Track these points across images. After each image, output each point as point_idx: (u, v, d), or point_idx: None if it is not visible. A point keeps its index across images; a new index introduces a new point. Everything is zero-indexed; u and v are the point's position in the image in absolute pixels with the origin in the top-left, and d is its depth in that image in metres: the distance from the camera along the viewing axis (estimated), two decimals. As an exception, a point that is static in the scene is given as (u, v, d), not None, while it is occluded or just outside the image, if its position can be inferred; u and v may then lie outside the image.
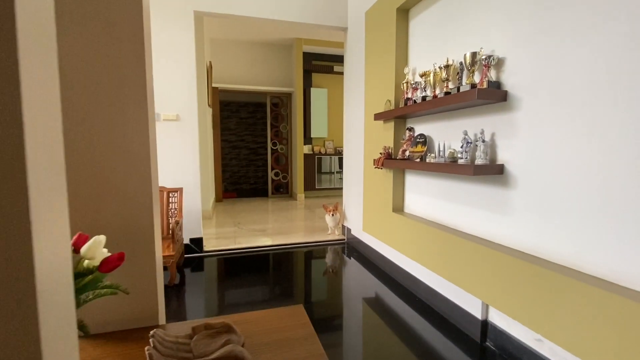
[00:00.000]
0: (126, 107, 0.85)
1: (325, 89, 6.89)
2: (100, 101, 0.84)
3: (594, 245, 1.27)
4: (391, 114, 2.43)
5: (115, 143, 0.85)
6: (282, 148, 7.03)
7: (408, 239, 2.35)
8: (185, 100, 3.24)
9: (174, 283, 2.63)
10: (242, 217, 4.98)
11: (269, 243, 3.65)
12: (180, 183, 3.27)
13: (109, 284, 0.66)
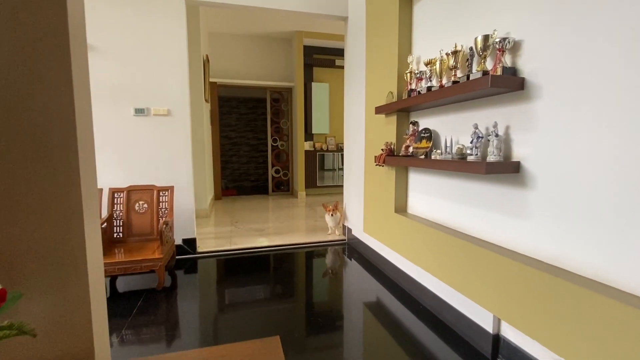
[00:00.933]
0: (33, 84, 0.67)
1: (326, 84, 6.69)
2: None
3: (629, 256, 1.08)
4: (393, 106, 2.24)
5: (18, 133, 0.66)
6: (283, 144, 6.85)
7: (411, 243, 2.17)
8: (176, 94, 3.07)
9: (162, 287, 2.48)
10: (241, 216, 4.83)
11: (265, 244, 3.49)
12: (172, 181, 3.11)
13: (7, 324, 0.49)
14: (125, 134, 3.00)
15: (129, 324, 2.04)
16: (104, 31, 2.87)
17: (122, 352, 1.78)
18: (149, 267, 2.39)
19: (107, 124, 2.95)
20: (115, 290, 2.52)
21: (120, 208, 2.80)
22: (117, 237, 2.78)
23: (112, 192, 2.79)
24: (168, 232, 2.69)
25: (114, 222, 2.77)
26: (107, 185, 2.90)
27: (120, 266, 2.34)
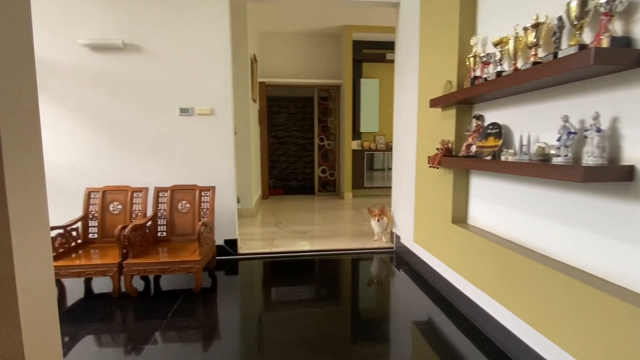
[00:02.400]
0: None
1: (376, 80, 6.36)
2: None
3: None
4: (452, 97, 1.91)
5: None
6: (330, 144, 6.67)
7: (473, 260, 1.82)
8: (220, 93, 3.03)
9: (200, 289, 2.42)
10: (285, 217, 4.73)
11: (307, 248, 3.32)
12: (214, 181, 3.08)
13: None
14: (170, 134, 3.02)
15: (164, 326, 1.99)
16: (151, 33, 2.91)
17: (155, 354, 1.71)
18: (186, 268, 2.35)
19: (154, 125, 3.00)
20: (159, 288, 2.52)
21: (164, 207, 2.81)
22: (160, 235, 2.80)
23: (157, 192, 2.82)
24: (207, 234, 2.64)
25: (158, 221, 2.80)
26: (153, 184, 2.95)
27: (159, 267, 2.33)
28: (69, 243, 2.53)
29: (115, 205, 2.77)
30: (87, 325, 2.03)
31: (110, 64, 2.90)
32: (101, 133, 2.96)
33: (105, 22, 2.86)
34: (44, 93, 2.88)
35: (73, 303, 2.33)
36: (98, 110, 2.94)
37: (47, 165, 2.94)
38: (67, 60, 2.86)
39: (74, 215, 2.79)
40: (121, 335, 1.93)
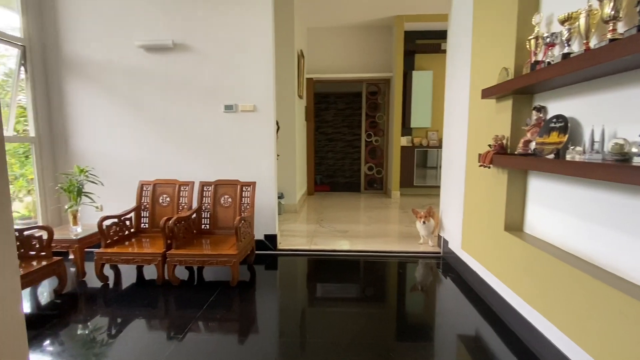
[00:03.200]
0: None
1: (430, 71, 5.98)
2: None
3: None
4: (508, 86, 1.66)
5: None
6: (378, 140, 6.44)
7: (528, 276, 1.58)
8: (262, 90, 3.05)
9: (236, 283, 2.46)
10: (328, 214, 4.67)
11: (346, 247, 3.21)
12: (255, 177, 3.11)
13: None
14: (215, 130, 3.12)
15: (199, 317, 2.04)
16: (198, 32, 3.02)
17: (187, 345, 1.76)
18: (223, 262, 2.39)
19: (201, 121, 3.12)
20: (202, 279, 2.62)
21: (208, 201, 2.91)
22: (204, 228, 2.90)
23: (202, 186, 2.93)
24: (246, 228, 2.67)
25: (202, 214, 2.91)
26: (199, 178, 3.07)
27: (198, 258, 2.40)
28: (122, 231, 2.74)
29: (164, 197, 2.93)
30: (133, 309, 2.17)
31: (161, 63, 3.08)
32: (154, 129, 3.16)
33: (158, 23, 3.03)
34: (106, 92, 3.14)
35: (126, 287, 2.52)
36: (151, 108, 3.14)
37: (108, 159, 3.22)
38: (125, 61, 3.09)
39: (130, 205, 3.02)
40: (159, 323, 2.02)
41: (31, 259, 2.27)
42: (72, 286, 2.51)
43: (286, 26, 4.40)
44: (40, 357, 1.71)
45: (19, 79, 3.02)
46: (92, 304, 2.27)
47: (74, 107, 3.18)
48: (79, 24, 3.08)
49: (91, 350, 1.75)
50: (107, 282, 2.56)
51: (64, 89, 3.16)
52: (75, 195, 2.72)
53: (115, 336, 1.89)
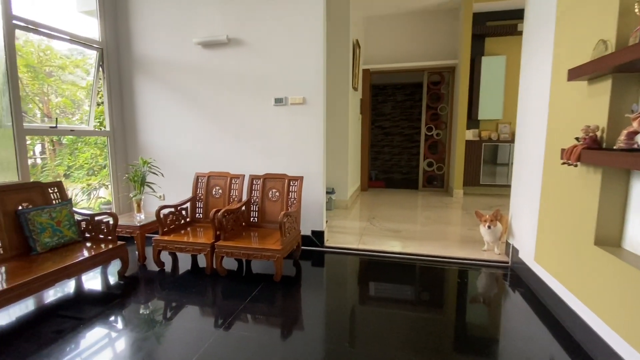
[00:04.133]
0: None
1: (502, 56, 5.33)
2: None
3: None
4: (608, 62, 1.30)
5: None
6: (439, 133, 5.97)
7: (626, 303, 1.24)
8: (312, 82, 2.94)
9: (279, 278, 2.42)
10: (380, 211, 4.44)
11: (397, 249, 2.99)
12: (303, 171, 3.04)
13: None
14: (265, 123, 3.11)
15: (243, 308, 2.04)
16: (251, 26, 3.01)
17: (231, 335, 1.76)
18: (267, 256, 2.36)
19: (252, 115, 3.13)
20: (250, 271, 2.65)
21: (257, 194, 2.92)
22: (252, 221, 2.92)
23: (251, 179, 2.94)
24: (291, 224, 2.61)
25: (251, 207, 2.93)
26: (250, 171, 3.10)
27: (243, 251, 2.41)
28: (178, 220, 2.88)
29: (217, 189, 3.01)
30: (183, 295, 2.27)
31: (216, 59, 3.15)
32: (209, 122, 3.26)
33: (215, 20, 3.10)
34: (168, 88, 3.33)
35: (180, 273, 2.64)
36: (207, 102, 3.24)
37: (169, 151, 3.42)
38: (184, 58, 3.23)
39: (187, 196, 3.17)
40: (205, 311, 2.06)
41: (100, 242, 2.48)
42: (133, 269, 2.71)
43: (341, 16, 4.24)
44: (102, 331, 1.85)
45: (97, 79, 3.33)
46: (148, 287, 2.41)
47: (141, 104, 3.43)
48: (147, 26, 3.30)
49: (143, 330, 1.83)
50: (163, 268, 2.71)
51: (134, 87, 3.42)
52: (139, 184, 2.93)
53: (165, 319, 1.99)
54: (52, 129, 2.96)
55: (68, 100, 4.47)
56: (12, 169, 2.54)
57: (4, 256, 2.12)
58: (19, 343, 1.75)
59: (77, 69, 3.72)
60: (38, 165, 4.62)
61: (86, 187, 4.28)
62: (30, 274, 1.89)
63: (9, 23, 2.44)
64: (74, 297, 2.27)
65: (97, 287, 2.43)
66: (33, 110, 4.79)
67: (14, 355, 1.66)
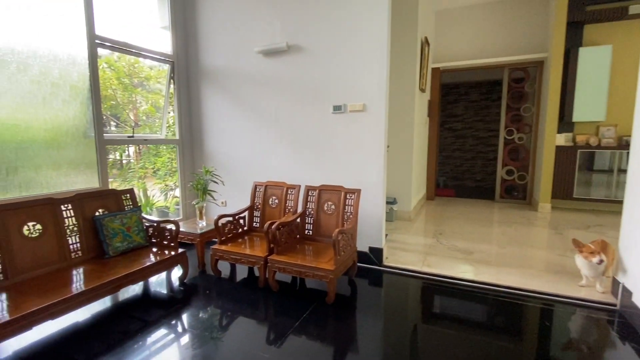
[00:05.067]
0: None
1: (607, 46, 4.45)
2: None
3: None
4: None
5: None
6: (522, 137, 5.23)
7: None
8: (373, 88, 2.72)
9: (332, 301, 2.25)
10: (449, 226, 4.01)
11: (469, 276, 2.60)
12: (361, 183, 2.83)
13: None
14: (323, 132, 2.98)
15: (297, 328, 1.93)
16: (311, 32, 2.90)
17: (285, 353, 1.67)
18: (320, 276, 2.22)
19: (309, 123, 3.03)
20: (304, 285, 2.55)
21: (312, 206, 2.80)
22: (307, 234, 2.81)
23: (307, 190, 2.83)
24: (347, 241, 2.43)
25: (306, 219, 2.81)
26: (306, 182, 2.99)
27: (296, 268, 2.30)
28: (236, 229, 2.89)
29: (273, 199, 2.97)
30: (237, 306, 2.27)
31: (276, 67, 3.11)
32: (267, 131, 3.24)
33: (275, 28, 3.06)
34: (230, 97, 3.39)
35: (236, 282, 2.65)
36: (265, 111, 3.23)
37: (229, 159, 3.49)
38: (246, 67, 3.26)
39: (246, 204, 3.19)
40: (254, 326, 1.99)
41: (164, 248, 2.59)
42: (193, 274, 2.79)
43: (408, 12, 3.92)
44: (163, 334, 1.93)
45: (168, 90, 3.55)
46: (205, 294, 2.45)
47: (207, 113, 3.56)
48: (212, 38, 3.41)
49: (199, 338, 1.83)
50: (220, 276, 2.74)
51: (200, 97, 3.57)
52: (202, 192, 3.02)
53: (220, 328, 2.02)
54: (129, 139, 3.22)
55: (152, 108, 4.91)
56: (94, 175, 2.79)
57: (82, 258, 2.32)
58: (91, 340, 1.88)
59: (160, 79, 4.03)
60: (125, 166, 5.17)
61: (164, 187, 4.66)
62: (102, 278, 2.02)
63: (92, 42, 2.68)
64: (140, 298, 2.40)
65: (160, 290, 2.54)
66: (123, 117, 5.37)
67: (86, 352, 1.78)
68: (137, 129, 4.42)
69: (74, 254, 2.29)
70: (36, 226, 2.13)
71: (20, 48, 2.28)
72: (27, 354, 1.78)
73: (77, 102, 2.64)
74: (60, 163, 2.55)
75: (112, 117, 5.13)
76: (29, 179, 2.37)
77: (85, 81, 2.67)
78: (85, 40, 2.64)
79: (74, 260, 2.27)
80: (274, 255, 2.41)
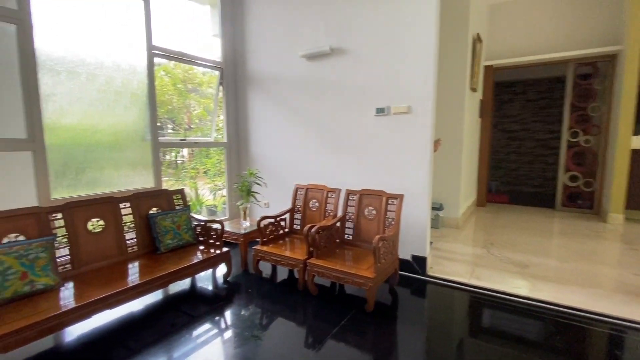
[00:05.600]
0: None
1: (700, 34, 3.83)
2: None
3: None
4: None
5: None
6: (589, 140, 4.70)
7: None
8: (419, 89, 2.61)
9: (372, 309, 2.19)
10: (501, 235, 3.72)
11: (522, 292, 2.38)
12: (404, 188, 2.73)
13: None
14: (364, 135, 2.92)
15: (334, 334, 1.90)
16: (354, 33, 2.86)
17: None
18: (358, 283, 2.16)
19: (351, 126, 2.99)
20: (343, 290, 2.52)
21: (352, 210, 2.76)
22: (347, 238, 2.77)
23: (347, 194, 2.79)
24: (388, 249, 2.35)
25: (346, 224, 2.77)
26: (346, 186, 2.95)
27: (334, 274, 2.27)
28: (277, 231, 2.94)
29: (314, 202, 2.97)
30: (277, 307, 2.31)
31: (319, 70, 3.11)
32: (308, 134, 3.26)
33: (318, 31, 3.06)
34: (274, 102, 3.47)
35: (277, 282, 2.70)
36: (307, 114, 3.24)
37: (273, 161, 3.56)
38: (289, 72, 3.31)
39: (287, 206, 3.23)
40: (293, 328, 2.00)
41: (210, 246, 2.71)
42: (236, 272, 2.88)
43: (459, 8, 3.72)
44: (207, 329, 2.03)
45: (217, 95, 3.72)
46: (247, 293, 2.52)
47: (252, 117, 3.67)
48: (259, 44, 3.51)
49: (240, 335, 1.88)
50: (262, 275, 2.80)
51: (247, 102, 3.70)
52: (246, 194, 3.11)
53: (260, 327, 2.08)
54: (181, 142, 3.42)
55: (204, 112, 5.20)
56: (150, 175, 3.00)
57: (137, 253, 2.50)
58: (143, 330, 2.02)
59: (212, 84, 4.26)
60: (179, 166, 5.53)
61: (213, 187, 4.91)
62: (154, 273, 2.16)
63: (150, 52, 2.89)
64: (187, 293, 2.53)
65: (205, 286, 2.66)
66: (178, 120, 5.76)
67: (138, 340, 1.91)
68: (189, 132, 4.70)
69: (130, 248, 2.48)
70: (99, 222, 2.34)
71: (90, 60, 2.52)
72: (88, 338, 1.95)
73: (137, 108, 2.86)
74: (121, 164, 2.78)
75: (168, 120, 5.52)
76: (94, 179, 2.61)
77: (144, 89, 2.88)
78: (144, 50, 2.85)
79: (130, 255, 2.46)
80: (313, 259, 2.41)
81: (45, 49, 2.30)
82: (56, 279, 1.93)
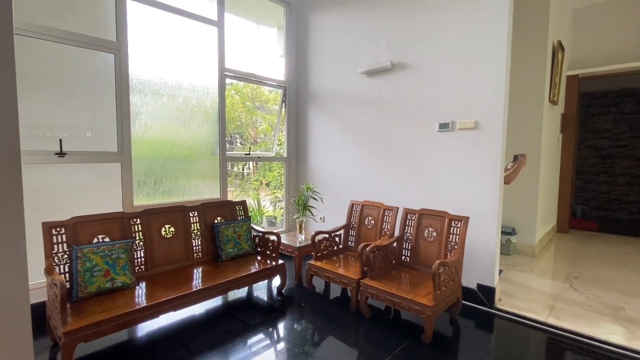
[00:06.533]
0: None
1: None
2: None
3: None
4: None
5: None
6: None
7: None
8: (488, 103, 2.43)
9: (430, 340, 2.02)
10: (588, 268, 3.21)
11: (617, 340, 2.00)
12: (470, 210, 2.52)
13: None
14: (425, 152, 2.79)
15: (378, 372, 1.80)
16: (417, 46, 2.78)
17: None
18: (416, 310, 2.03)
19: (411, 142, 2.88)
20: (398, 316, 2.39)
21: (410, 231, 2.62)
22: (404, 260, 2.63)
23: (405, 213, 2.67)
24: (450, 275, 2.17)
25: (403, 245, 2.65)
26: (405, 204, 2.83)
27: (389, 297, 2.16)
28: (331, 247, 2.92)
29: (369, 219, 2.90)
30: (328, 325, 2.27)
31: (379, 86, 3.08)
32: (366, 150, 3.22)
33: (379, 47, 3.05)
34: (333, 118, 3.50)
35: (330, 300, 2.66)
36: (365, 130, 3.21)
37: (330, 176, 3.58)
38: (349, 88, 3.33)
39: (342, 222, 3.20)
40: (344, 350, 1.93)
41: (266, 257, 2.79)
42: (290, 285, 2.91)
43: (537, 14, 3.41)
44: (260, 339, 2.08)
45: (281, 113, 3.89)
46: (299, 308, 2.52)
47: (312, 132, 3.76)
48: (320, 62, 3.61)
49: (292, 351, 1.89)
50: (314, 291, 2.79)
51: (307, 118, 3.80)
52: (302, 208, 3.16)
53: (312, 344, 2.06)
54: (245, 156, 3.62)
55: (269, 127, 5.49)
56: (216, 187, 3.22)
57: (201, 259, 2.68)
58: (202, 333, 2.13)
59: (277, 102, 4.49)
60: (245, 178, 5.87)
61: (273, 199, 5.12)
62: (215, 280, 2.28)
63: (222, 74, 3.14)
64: (244, 302, 2.62)
65: (261, 296, 2.73)
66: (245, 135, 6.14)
67: (197, 343, 2.02)
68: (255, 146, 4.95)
69: (196, 254, 2.66)
70: (170, 228, 2.56)
71: (171, 82, 2.83)
72: (156, 336, 2.12)
73: (208, 125, 3.11)
74: (192, 175, 3.04)
75: (237, 135, 5.92)
76: (169, 188, 2.88)
77: (215, 107, 3.14)
78: (216, 72, 3.12)
79: (195, 261, 2.64)
80: (367, 279, 2.33)
81: (137, 73, 2.64)
82: (132, 278, 2.14)
